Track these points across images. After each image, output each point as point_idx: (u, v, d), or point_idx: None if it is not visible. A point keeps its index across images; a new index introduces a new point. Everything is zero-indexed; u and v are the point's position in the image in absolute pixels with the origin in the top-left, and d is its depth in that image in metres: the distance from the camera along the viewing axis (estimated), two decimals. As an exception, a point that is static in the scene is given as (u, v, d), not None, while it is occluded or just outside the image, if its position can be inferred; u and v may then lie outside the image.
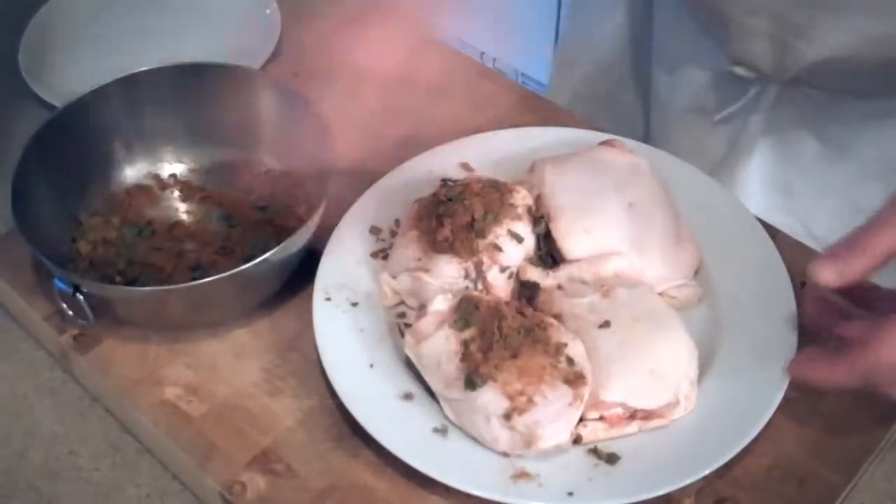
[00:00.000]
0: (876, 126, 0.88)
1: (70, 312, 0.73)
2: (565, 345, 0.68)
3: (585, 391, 0.66)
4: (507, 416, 0.65)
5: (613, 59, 1.07)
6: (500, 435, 0.65)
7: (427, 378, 0.69)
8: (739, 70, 0.90)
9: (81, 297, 0.72)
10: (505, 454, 0.66)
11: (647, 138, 1.05)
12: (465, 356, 0.67)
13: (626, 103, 1.08)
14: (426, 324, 0.70)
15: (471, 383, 0.66)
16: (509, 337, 0.67)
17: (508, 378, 0.65)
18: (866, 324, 0.65)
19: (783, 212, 0.93)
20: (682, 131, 0.99)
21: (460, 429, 0.68)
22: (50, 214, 0.79)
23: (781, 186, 0.94)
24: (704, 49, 0.93)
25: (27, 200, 0.76)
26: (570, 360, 0.67)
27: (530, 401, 0.65)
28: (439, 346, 0.68)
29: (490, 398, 0.65)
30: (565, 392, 0.65)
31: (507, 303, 0.71)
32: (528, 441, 0.65)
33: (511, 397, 0.65)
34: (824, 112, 0.89)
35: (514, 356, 0.66)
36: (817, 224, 0.92)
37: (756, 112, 0.92)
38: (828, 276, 0.63)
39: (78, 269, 0.78)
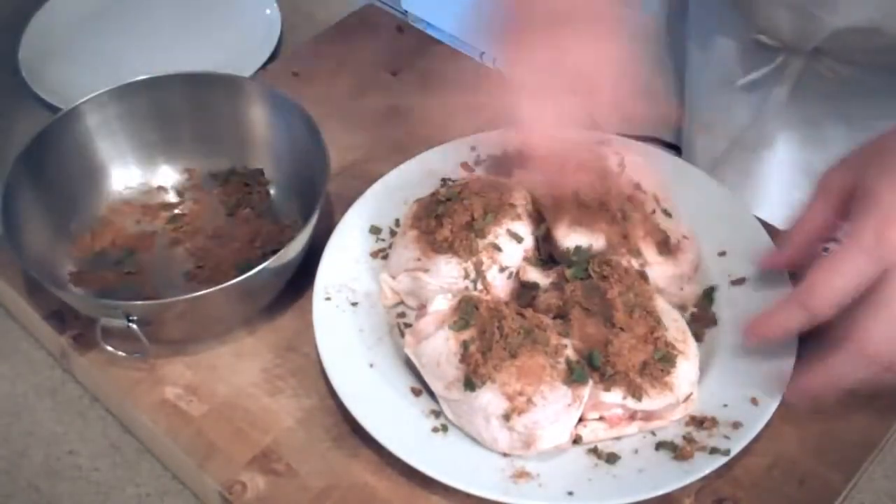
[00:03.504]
0: None
1: (109, 348, 0.72)
2: (565, 346, 0.68)
3: (585, 392, 0.66)
4: (507, 417, 0.65)
5: (650, 38, 1.07)
6: (500, 435, 0.65)
7: (426, 378, 0.69)
8: (764, 39, 0.90)
9: (136, 327, 0.70)
10: (505, 454, 0.66)
11: (681, 114, 1.05)
12: (465, 356, 0.67)
13: (662, 80, 1.08)
14: (426, 324, 0.70)
15: (470, 384, 0.66)
16: (509, 337, 0.66)
17: (508, 379, 0.65)
18: (849, 321, 0.65)
19: (803, 192, 0.93)
20: (710, 102, 0.99)
21: (460, 429, 0.68)
22: (40, 227, 0.78)
23: (804, 167, 0.94)
24: (732, 20, 0.93)
25: (16, 214, 0.75)
26: (569, 362, 0.67)
27: (530, 401, 0.65)
28: (439, 347, 0.68)
29: (489, 399, 0.65)
30: (564, 393, 0.65)
31: (506, 303, 0.71)
32: (528, 442, 0.65)
33: (510, 398, 0.65)
34: (849, 91, 0.89)
35: (514, 357, 0.66)
36: None
37: (781, 83, 0.92)
38: (772, 259, 0.73)
39: (70, 282, 0.78)
